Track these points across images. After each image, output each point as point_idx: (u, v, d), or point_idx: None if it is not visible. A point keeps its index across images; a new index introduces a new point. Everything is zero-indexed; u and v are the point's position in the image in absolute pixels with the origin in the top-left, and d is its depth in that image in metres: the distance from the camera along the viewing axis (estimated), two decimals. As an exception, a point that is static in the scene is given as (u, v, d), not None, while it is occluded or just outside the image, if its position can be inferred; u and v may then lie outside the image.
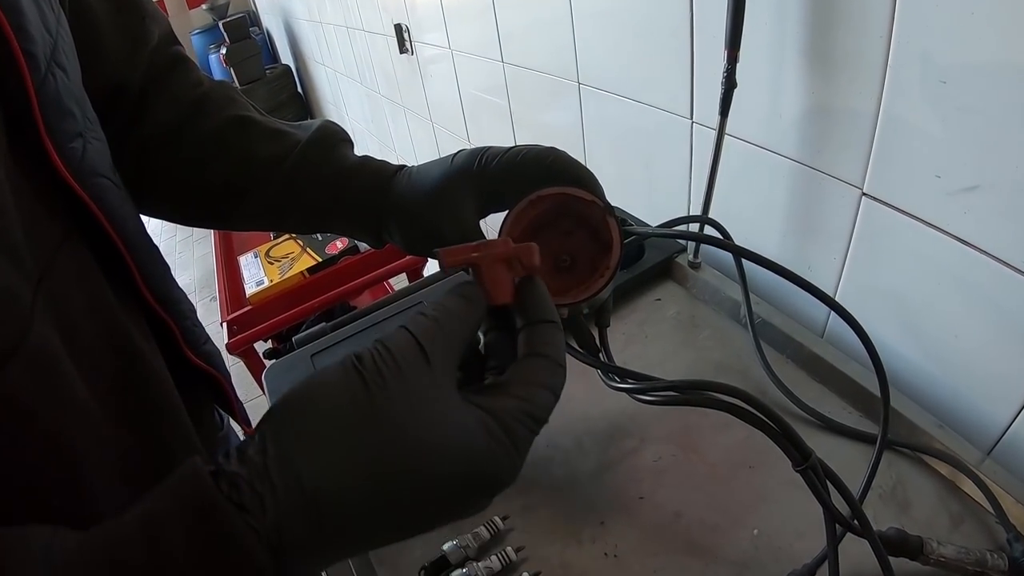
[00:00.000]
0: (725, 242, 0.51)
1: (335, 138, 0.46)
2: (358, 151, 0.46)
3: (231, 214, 0.49)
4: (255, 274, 1.47)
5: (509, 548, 0.45)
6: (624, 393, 0.39)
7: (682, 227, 0.65)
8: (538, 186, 0.39)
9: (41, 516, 0.28)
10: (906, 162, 0.48)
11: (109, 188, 0.37)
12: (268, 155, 0.45)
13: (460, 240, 0.40)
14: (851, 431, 0.51)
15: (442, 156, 0.42)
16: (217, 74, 3.30)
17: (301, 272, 1.44)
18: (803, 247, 0.61)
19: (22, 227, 0.28)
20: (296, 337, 0.75)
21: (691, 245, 0.69)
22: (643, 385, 0.37)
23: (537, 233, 0.42)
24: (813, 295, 0.43)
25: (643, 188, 0.82)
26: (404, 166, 0.44)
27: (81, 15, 0.41)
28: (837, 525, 0.38)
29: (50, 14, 0.33)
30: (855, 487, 0.46)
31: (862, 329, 0.44)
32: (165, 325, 0.42)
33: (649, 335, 0.62)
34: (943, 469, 0.48)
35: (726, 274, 0.66)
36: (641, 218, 0.75)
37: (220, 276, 1.58)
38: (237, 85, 3.00)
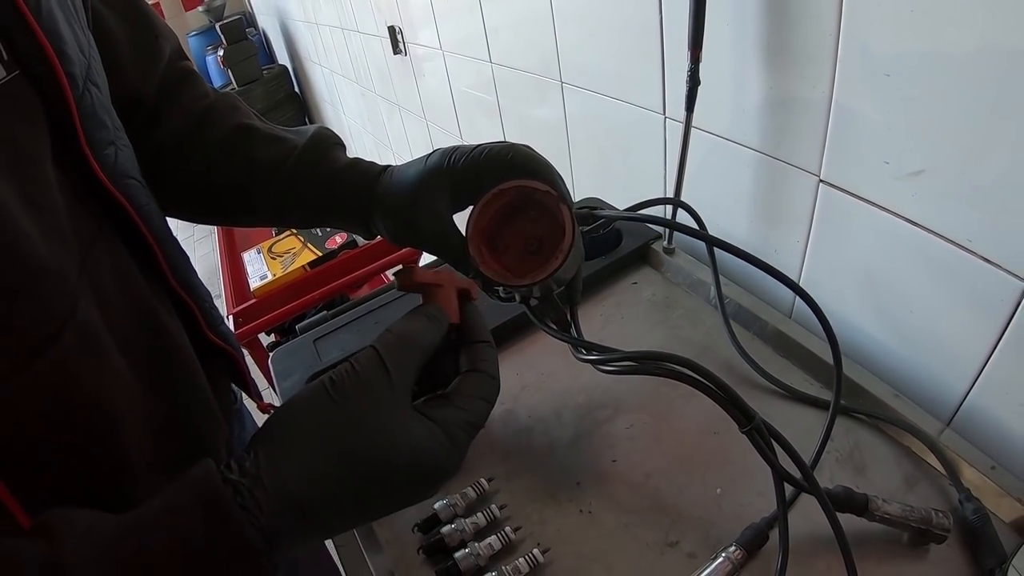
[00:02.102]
0: (697, 231, 0.54)
1: (328, 142, 0.50)
2: (356, 149, 0.51)
3: (236, 212, 0.54)
4: (258, 269, 1.52)
5: (493, 506, 0.49)
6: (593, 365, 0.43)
7: (657, 213, 0.70)
8: (502, 179, 0.43)
9: (84, 467, 0.33)
10: (858, 150, 0.52)
11: (138, 188, 0.42)
12: (269, 159, 0.50)
13: (437, 232, 0.45)
14: (812, 399, 0.55)
15: (419, 157, 0.47)
16: (215, 75, 3.33)
17: (302, 266, 1.50)
18: (769, 231, 0.65)
19: (68, 220, 0.33)
20: (299, 324, 0.79)
21: (666, 232, 0.73)
22: (605, 356, 0.41)
23: (508, 221, 0.45)
24: (766, 272, 0.48)
25: (623, 178, 0.86)
26: (389, 166, 0.48)
27: (102, 35, 0.46)
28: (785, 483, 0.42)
29: (83, 37, 0.38)
30: (813, 449, 0.50)
31: (809, 296, 0.48)
32: (187, 307, 0.48)
33: (626, 316, 0.67)
34: (900, 436, 0.51)
35: (699, 259, 0.70)
36: (619, 205, 0.79)
37: (224, 272, 1.63)
38: (235, 85, 3.03)
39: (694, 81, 0.58)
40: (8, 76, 0.31)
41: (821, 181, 0.57)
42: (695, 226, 0.63)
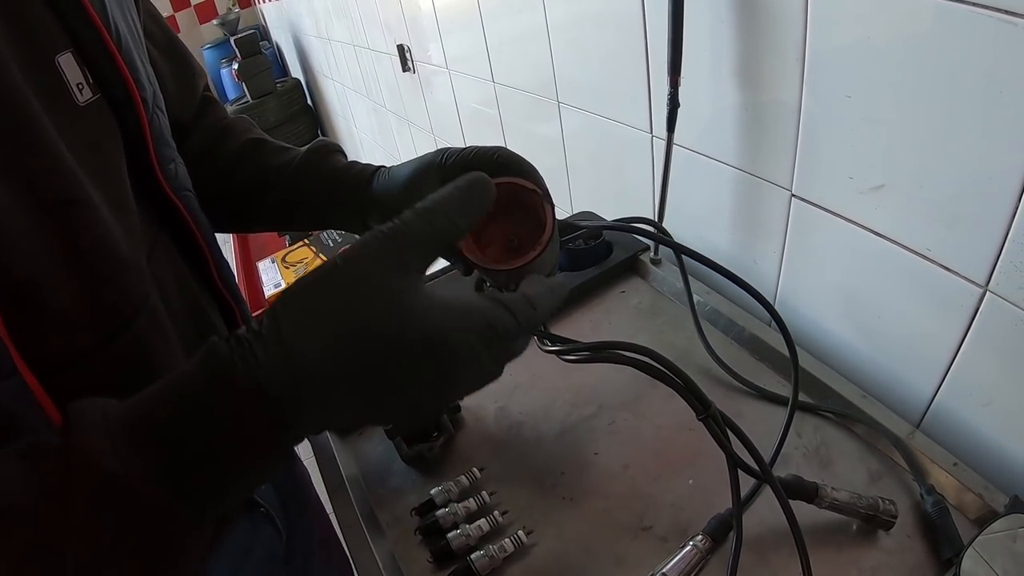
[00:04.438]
0: (669, 240, 0.59)
1: (328, 148, 0.56)
2: (367, 161, 0.56)
3: (249, 215, 0.60)
4: (273, 277, 1.58)
5: (484, 493, 0.53)
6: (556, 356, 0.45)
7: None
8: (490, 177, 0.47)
9: None
10: (824, 166, 0.57)
11: (192, 199, 0.49)
12: (277, 164, 0.56)
13: None
14: (781, 399, 0.58)
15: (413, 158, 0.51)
16: (229, 87, 3.40)
17: None
18: (749, 243, 0.70)
19: (140, 222, 0.39)
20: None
21: (653, 244, 0.78)
22: (566, 347, 0.43)
23: (493, 218, 0.47)
24: (717, 271, 0.52)
25: (616, 193, 0.91)
26: (383, 167, 0.53)
27: (154, 72, 0.53)
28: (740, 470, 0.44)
29: (149, 69, 0.45)
30: (775, 441, 0.54)
31: (756, 291, 0.52)
32: (230, 308, 0.54)
33: (613, 322, 0.71)
34: (868, 436, 0.54)
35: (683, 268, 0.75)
36: (611, 218, 0.84)
37: (240, 280, 1.69)
38: (249, 98, 3.09)
39: (674, 104, 0.62)
40: (93, 97, 0.37)
41: (793, 195, 0.61)
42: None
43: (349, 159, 0.56)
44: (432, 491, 0.54)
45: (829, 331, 0.65)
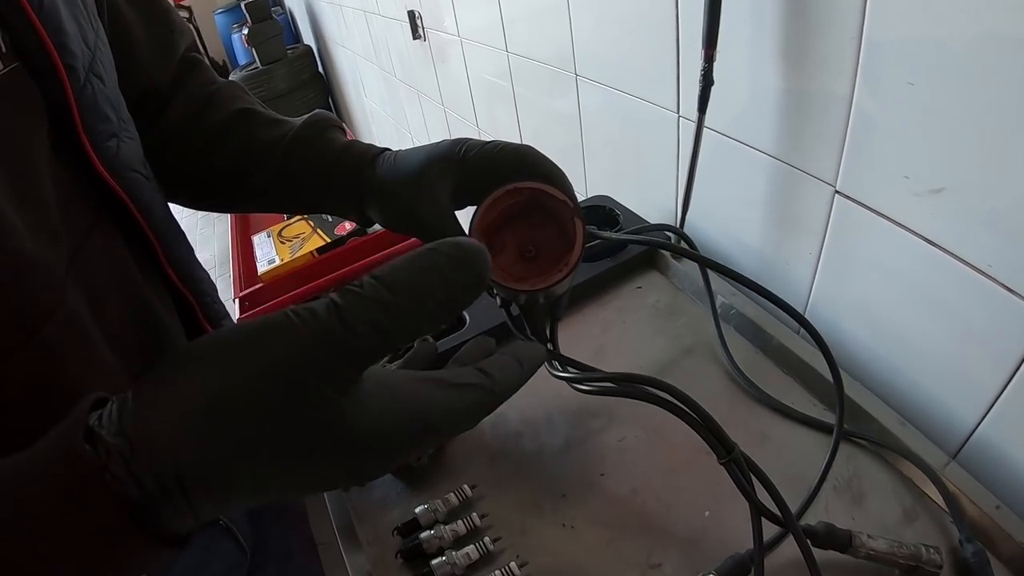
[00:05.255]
0: (693, 252, 0.53)
1: (325, 123, 0.49)
2: (376, 133, 0.51)
3: (235, 195, 0.53)
4: (267, 253, 1.52)
5: (475, 514, 0.48)
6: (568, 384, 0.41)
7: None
8: (512, 179, 0.41)
9: None
10: (877, 162, 0.50)
11: (140, 181, 0.42)
12: (267, 139, 0.49)
13: (435, 218, 0.43)
14: (814, 421, 0.52)
15: (426, 144, 0.45)
16: (240, 53, 3.34)
17: (311, 252, 1.49)
18: (781, 241, 0.63)
19: (59, 213, 0.34)
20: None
21: (675, 236, 0.71)
22: (581, 375, 0.39)
23: (509, 222, 0.44)
24: (762, 295, 0.46)
25: (634, 177, 0.84)
26: (387, 149, 0.47)
27: (120, 29, 0.47)
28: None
29: (89, 30, 0.39)
30: (812, 476, 0.48)
31: (807, 322, 0.45)
32: (187, 302, 0.48)
33: (627, 321, 0.65)
34: (903, 467, 0.49)
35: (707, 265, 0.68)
36: (631, 206, 0.77)
37: (235, 254, 1.63)
38: (259, 65, 3.03)
39: (707, 81, 0.55)
40: (7, 68, 0.32)
41: (836, 192, 0.54)
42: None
43: (351, 138, 0.50)
44: (417, 509, 0.48)
45: (864, 344, 0.59)
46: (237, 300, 1.42)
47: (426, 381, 0.25)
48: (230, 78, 2.98)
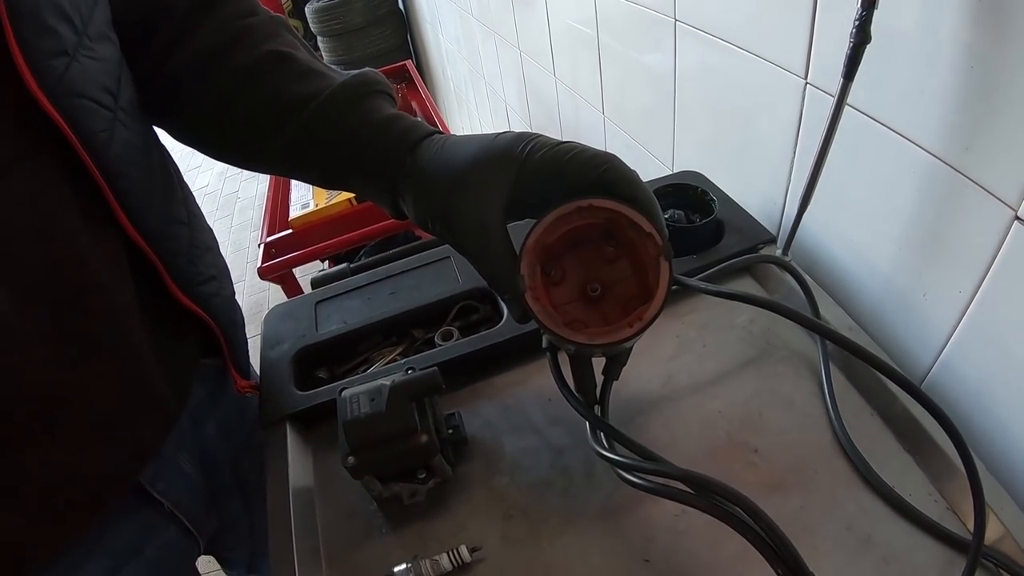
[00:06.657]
0: (803, 315, 0.39)
1: (369, 87, 0.40)
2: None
3: (250, 152, 0.45)
4: (302, 195, 1.40)
5: (467, 591, 0.37)
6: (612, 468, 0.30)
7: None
8: (585, 194, 0.33)
9: None
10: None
11: (93, 110, 0.36)
12: (295, 95, 0.41)
13: (478, 227, 0.35)
14: (932, 526, 0.38)
15: (485, 133, 0.37)
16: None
17: (348, 199, 1.34)
18: (923, 266, 0.47)
19: None
20: (314, 276, 0.70)
21: (782, 238, 0.56)
22: (633, 462, 0.29)
23: (574, 248, 0.35)
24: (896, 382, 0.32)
25: (736, 155, 0.68)
26: (436, 132, 0.38)
27: None
28: None
29: None
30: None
31: (945, 415, 0.32)
32: (148, 260, 0.41)
33: (708, 344, 0.51)
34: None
35: (821, 283, 0.53)
36: (726, 188, 0.62)
37: (271, 194, 1.51)
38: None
39: (862, 35, 0.39)
40: None
41: (1017, 218, 0.38)
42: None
43: (396, 110, 0.41)
44: (396, 569, 0.38)
45: (1012, 429, 0.43)
46: (262, 246, 1.31)
47: None
48: (305, 8, 2.91)
